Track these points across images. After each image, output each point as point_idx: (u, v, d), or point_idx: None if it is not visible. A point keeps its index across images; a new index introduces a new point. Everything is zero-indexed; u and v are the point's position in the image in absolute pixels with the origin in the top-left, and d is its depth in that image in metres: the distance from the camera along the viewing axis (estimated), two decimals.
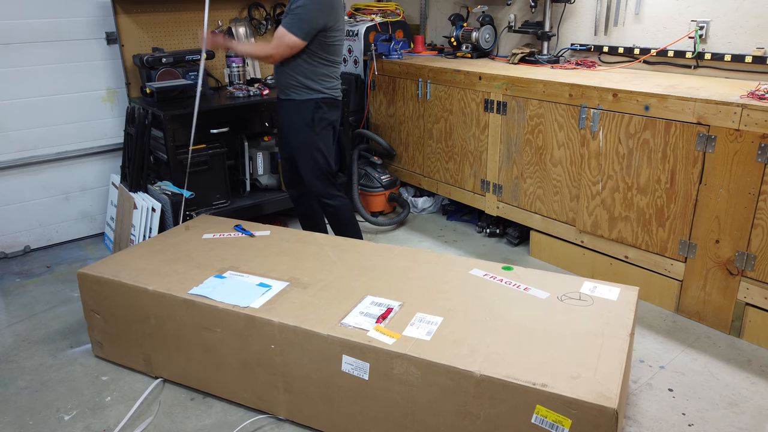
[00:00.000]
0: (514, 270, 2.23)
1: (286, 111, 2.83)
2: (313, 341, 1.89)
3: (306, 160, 2.84)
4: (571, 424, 1.55)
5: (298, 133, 2.81)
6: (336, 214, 2.96)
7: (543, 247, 3.23)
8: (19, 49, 3.18)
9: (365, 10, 4.26)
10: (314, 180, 2.88)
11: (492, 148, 3.30)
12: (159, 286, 2.17)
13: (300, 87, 2.75)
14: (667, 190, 2.58)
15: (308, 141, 2.81)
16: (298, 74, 2.73)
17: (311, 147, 2.81)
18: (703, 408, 2.12)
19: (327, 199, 2.91)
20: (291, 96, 2.78)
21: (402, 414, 1.81)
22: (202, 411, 2.15)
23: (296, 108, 2.78)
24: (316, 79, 2.75)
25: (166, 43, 3.54)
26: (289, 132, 2.86)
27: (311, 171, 2.86)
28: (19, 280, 3.16)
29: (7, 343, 2.60)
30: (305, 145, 2.82)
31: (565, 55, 3.53)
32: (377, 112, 4.06)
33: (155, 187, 3.15)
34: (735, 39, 2.81)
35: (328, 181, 2.90)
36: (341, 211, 2.96)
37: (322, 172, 2.86)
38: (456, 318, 1.92)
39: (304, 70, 2.73)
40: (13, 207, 3.36)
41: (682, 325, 2.62)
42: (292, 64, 2.72)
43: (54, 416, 2.14)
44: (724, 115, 2.33)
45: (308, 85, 2.74)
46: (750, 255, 2.37)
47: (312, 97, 2.76)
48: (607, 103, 2.70)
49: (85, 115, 3.47)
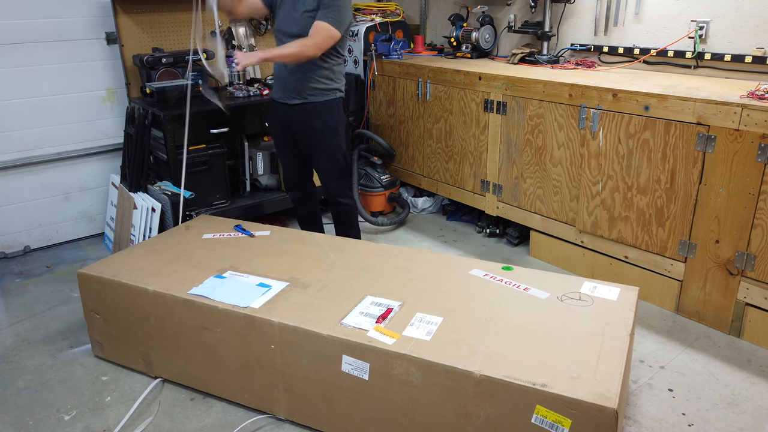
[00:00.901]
0: (514, 270, 2.23)
1: (304, 115, 2.76)
2: (313, 341, 1.89)
3: (329, 161, 2.84)
4: (571, 424, 1.55)
5: (324, 137, 2.79)
6: (347, 213, 2.99)
7: (543, 247, 3.23)
8: (20, 49, 3.18)
9: (365, 10, 4.26)
10: (333, 180, 2.89)
11: (492, 148, 3.30)
12: (159, 286, 2.17)
13: (322, 89, 2.72)
14: (667, 190, 2.58)
15: (333, 144, 2.81)
16: (321, 76, 2.70)
17: (336, 149, 2.82)
18: (703, 408, 2.12)
19: (342, 197, 2.93)
20: (310, 99, 2.73)
21: (402, 414, 1.81)
22: (202, 411, 2.15)
23: (320, 111, 2.75)
24: (335, 78, 2.75)
25: (166, 43, 3.54)
26: (311, 136, 2.80)
27: (332, 172, 2.87)
28: (19, 280, 3.16)
29: (7, 343, 2.60)
30: (330, 148, 2.81)
31: (565, 55, 3.53)
32: (377, 112, 4.06)
33: (155, 187, 3.15)
34: (735, 39, 2.81)
35: (345, 181, 2.92)
36: (352, 210, 3.01)
37: (341, 172, 2.88)
38: (456, 318, 1.92)
39: (325, 71, 2.70)
40: (13, 207, 3.36)
41: (682, 325, 2.62)
42: (314, 65, 2.67)
43: (54, 416, 2.14)
44: (724, 115, 2.33)
45: (330, 85, 2.73)
46: (750, 255, 2.37)
47: (330, 98, 2.75)
48: (607, 103, 2.70)
49: (85, 115, 3.47)
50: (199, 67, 3.40)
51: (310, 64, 2.67)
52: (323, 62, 2.68)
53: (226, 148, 3.29)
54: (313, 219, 3.16)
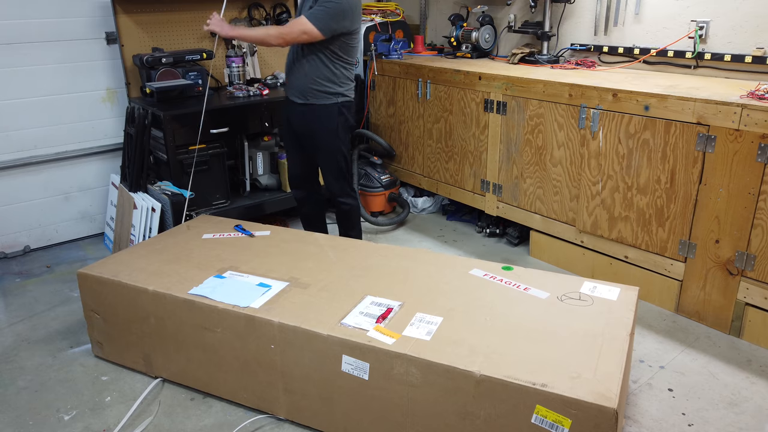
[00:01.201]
0: (514, 270, 2.23)
1: (306, 116, 2.79)
2: (313, 341, 1.89)
3: (329, 163, 2.87)
4: (571, 424, 1.55)
5: (322, 139, 2.81)
6: (349, 213, 3.00)
7: (543, 247, 3.23)
8: (20, 48, 3.18)
9: (365, 10, 4.25)
10: (334, 181, 2.91)
11: (492, 148, 3.30)
12: (159, 286, 2.17)
13: (322, 91, 2.73)
14: (667, 190, 2.58)
15: (333, 146, 2.82)
16: (321, 78, 2.71)
17: (336, 152, 2.83)
18: (703, 408, 2.12)
19: (343, 198, 2.95)
20: (311, 101, 2.75)
21: (402, 414, 1.81)
22: (202, 411, 2.15)
23: (319, 114, 2.76)
24: (338, 82, 2.75)
25: (166, 43, 3.54)
26: (311, 137, 2.83)
27: (332, 173, 2.89)
28: (19, 280, 3.16)
29: (7, 343, 2.60)
30: (329, 151, 2.83)
31: (564, 55, 3.53)
32: (377, 112, 4.06)
33: (155, 187, 3.15)
34: (735, 39, 2.81)
35: (346, 182, 2.94)
36: (354, 210, 3.02)
37: (342, 174, 2.90)
38: (456, 318, 1.92)
39: (326, 74, 2.71)
40: (13, 207, 3.36)
41: (682, 325, 2.62)
42: (314, 67, 2.69)
43: (54, 416, 2.14)
44: (724, 115, 2.33)
45: (331, 89, 2.73)
46: (750, 255, 2.37)
47: (334, 101, 2.75)
48: (607, 103, 2.70)
49: (85, 115, 3.47)
50: (198, 67, 3.41)
51: (310, 65, 2.69)
52: (324, 65, 2.69)
53: (226, 148, 3.29)
54: (317, 219, 3.16)
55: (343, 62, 2.74)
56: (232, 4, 3.73)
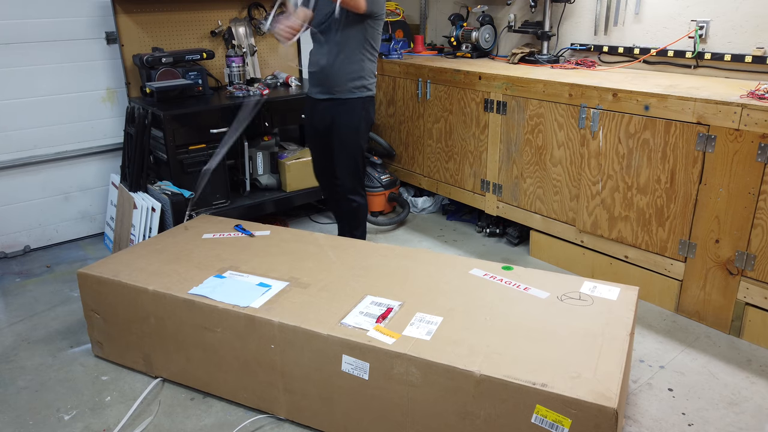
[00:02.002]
0: (514, 270, 2.23)
1: (329, 111, 2.79)
2: (313, 341, 1.89)
3: (347, 159, 2.87)
4: (571, 423, 1.55)
5: (343, 134, 2.81)
6: (356, 211, 2.99)
7: (543, 247, 3.23)
8: (19, 48, 3.18)
9: None
10: (348, 177, 2.91)
11: (492, 147, 3.30)
12: (159, 286, 2.17)
13: (349, 85, 2.72)
14: (667, 189, 2.58)
15: (352, 142, 2.83)
16: (350, 72, 2.70)
17: (354, 148, 2.84)
18: (703, 408, 2.12)
19: (353, 195, 2.94)
20: (337, 95, 2.75)
21: (402, 414, 1.81)
22: (202, 411, 2.15)
23: (343, 108, 2.76)
24: (365, 75, 2.75)
25: (166, 43, 3.54)
26: (331, 132, 2.84)
27: (348, 169, 2.89)
28: (19, 280, 3.16)
29: (7, 343, 2.60)
30: (348, 146, 2.83)
31: (564, 55, 3.53)
32: (377, 112, 4.06)
33: (155, 187, 3.15)
34: (735, 39, 2.81)
35: (358, 180, 2.94)
36: (362, 209, 3.01)
37: (357, 171, 2.90)
38: (456, 318, 1.92)
39: (355, 68, 2.71)
40: (13, 207, 3.36)
41: (682, 325, 2.62)
42: (346, 61, 2.69)
43: (54, 416, 2.14)
44: (724, 115, 2.33)
45: (358, 82, 2.73)
46: (750, 255, 2.37)
47: (360, 95, 2.75)
48: (607, 102, 2.70)
49: (85, 115, 3.47)
50: (198, 67, 3.41)
51: (343, 55, 2.68)
52: (357, 56, 2.69)
53: None
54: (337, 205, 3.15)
55: (372, 53, 2.75)
56: (233, 4, 3.73)
